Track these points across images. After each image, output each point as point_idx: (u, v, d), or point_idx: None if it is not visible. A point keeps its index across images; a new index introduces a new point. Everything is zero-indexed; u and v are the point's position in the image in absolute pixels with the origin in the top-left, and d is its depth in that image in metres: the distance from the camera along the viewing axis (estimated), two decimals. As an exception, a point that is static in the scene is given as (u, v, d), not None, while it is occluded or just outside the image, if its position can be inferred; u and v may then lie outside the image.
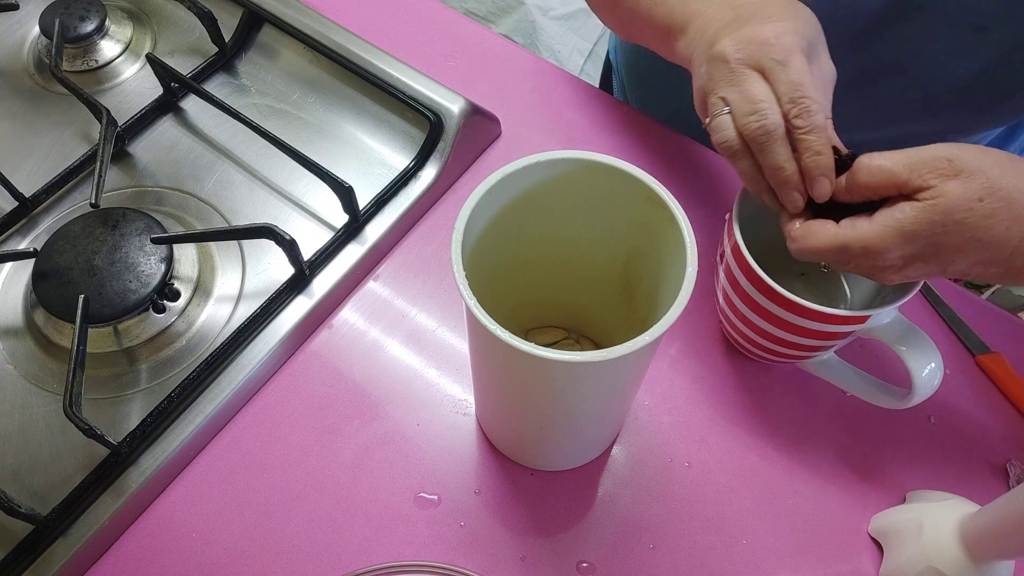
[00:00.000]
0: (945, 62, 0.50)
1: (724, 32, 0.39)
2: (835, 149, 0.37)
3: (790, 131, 0.37)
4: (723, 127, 0.38)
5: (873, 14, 0.49)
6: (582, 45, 1.62)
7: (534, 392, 0.36)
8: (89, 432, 0.41)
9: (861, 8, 0.49)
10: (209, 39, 0.59)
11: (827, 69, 0.39)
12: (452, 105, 0.54)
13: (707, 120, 0.39)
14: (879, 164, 0.35)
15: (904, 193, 0.35)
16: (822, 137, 0.36)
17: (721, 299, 0.45)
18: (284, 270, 0.49)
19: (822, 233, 0.37)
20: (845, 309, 0.41)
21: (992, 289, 1.09)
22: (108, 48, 0.60)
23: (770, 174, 0.38)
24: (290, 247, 0.47)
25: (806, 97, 0.36)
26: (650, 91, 0.71)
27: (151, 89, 0.58)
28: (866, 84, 0.53)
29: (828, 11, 0.49)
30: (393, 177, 0.53)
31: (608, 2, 0.51)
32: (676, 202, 0.34)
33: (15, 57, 0.61)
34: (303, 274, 0.49)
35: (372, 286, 0.52)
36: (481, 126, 0.56)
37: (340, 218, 0.52)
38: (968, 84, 0.50)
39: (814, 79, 0.37)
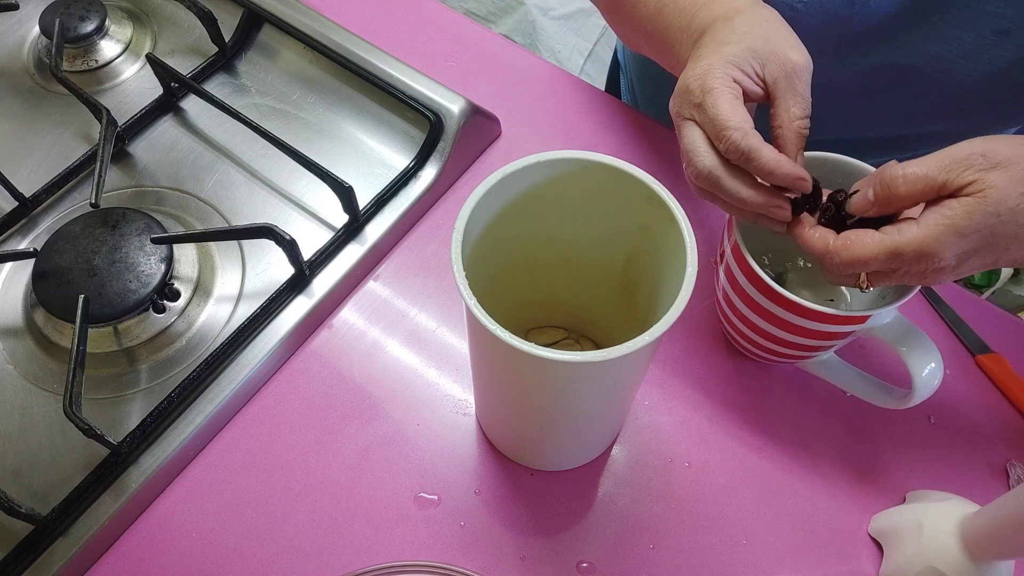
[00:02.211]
0: (963, 65, 0.49)
1: (678, 83, 0.40)
2: (831, 196, 0.37)
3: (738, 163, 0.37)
4: (692, 185, 0.40)
5: (888, 16, 0.49)
6: (582, 45, 1.62)
7: (534, 392, 0.36)
8: (89, 432, 0.41)
9: (875, 10, 0.49)
10: (209, 39, 0.59)
11: (791, 63, 0.38)
12: (452, 105, 0.54)
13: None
14: (914, 172, 0.34)
15: (943, 195, 0.34)
16: (761, 158, 0.36)
17: (721, 299, 0.45)
18: (284, 270, 0.49)
19: (868, 240, 0.35)
20: (845, 309, 0.41)
21: (992, 289, 1.09)
22: (108, 48, 0.60)
23: (736, 206, 0.38)
24: (290, 247, 0.47)
25: (725, 129, 0.36)
26: (659, 89, 0.71)
27: (151, 89, 0.58)
28: (880, 85, 0.53)
29: (841, 12, 0.49)
30: (393, 177, 0.53)
31: (615, 19, 0.52)
32: (676, 202, 0.34)
33: (15, 57, 0.61)
34: (303, 274, 0.49)
35: (372, 286, 0.52)
36: (481, 126, 0.56)
37: (340, 218, 0.52)
38: (986, 86, 0.50)
39: (778, 86, 0.37)
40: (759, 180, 0.37)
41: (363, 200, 0.52)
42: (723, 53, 0.38)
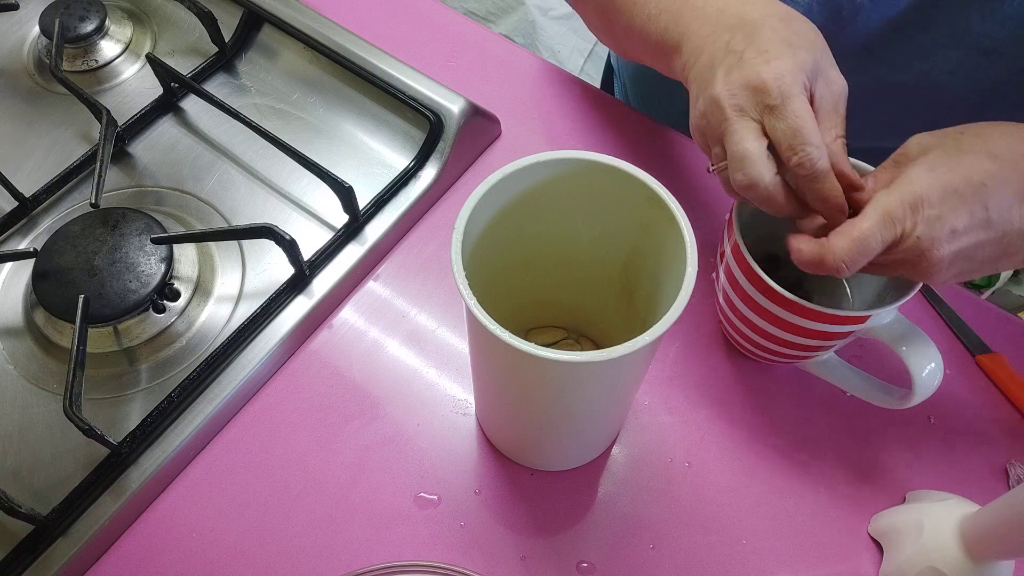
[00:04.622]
0: (949, 81, 0.49)
1: (719, 65, 0.37)
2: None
3: (795, 176, 0.36)
4: (725, 180, 0.38)
5: (874, 33, 0.49)
6: (582, 45, 1.62)
7: (534, 392, 0.36)
8: (89, 432, 0.41)
9: (862, 27, 0.49)
10: (209, 39, 0.59)
11: (837, 85, 0.38)
12: (452, 105, 0.54)
13: (711, 167, 0.39)
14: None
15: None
16: (826, 183, 0.36)
17: (721, 299, 0.45)
18: (284, 270, 0.49)
19: (858, 220, 0.35)
20: (845, 309, 0.41)
21: (992, 289, 1.09)
22: (108, 48, 0.60)
23: (775, 214, 0.38)
24: (290, 247, 0.47)
25: (806, 144, 0.35)
26: (652, 94, 0.71)
27: (151, 89, 0.58)
28: (869, 100, 0.53)
29: (828, 28, 0.49)
30: (393, 177, 0.53)
31: (604, 22, 0.50)
32: (676, 202, 0.34)
33: (15, 57, 0.61)
34: (303, 274, 0.49)
35: (372, 286, 0.52)
36: (481, 126, 0.56)
37: (340, 218, 0.52)
38: (974, 103, 0.49)
39: (823, 106, 0.36)
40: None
41: (363, 200, 0.52)
42: (798, 58, 0.36)
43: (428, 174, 0.54)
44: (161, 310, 0.48)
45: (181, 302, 0.49)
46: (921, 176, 0.34)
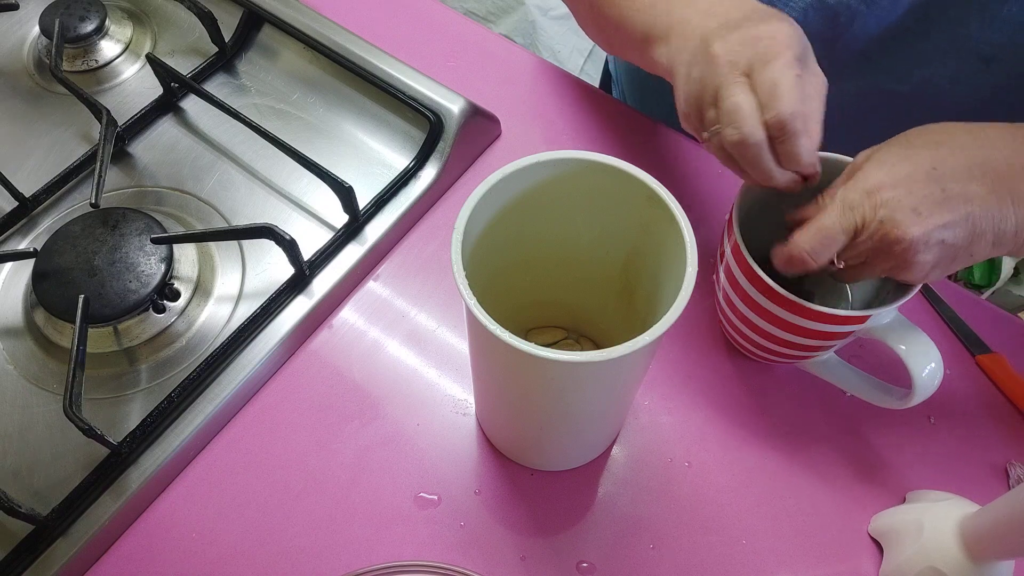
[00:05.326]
0: (950, 89, 0.49)
1: (713, 36, 0.38)
2: None
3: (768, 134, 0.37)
4: (718, 147, 0.39)
5: (872, 39, 0.49)
6: (582, 45, 1.62)
7: (534, 392, 0.36)
8: (89, 432, 0.41)
9: (859, 33, 0.48)
10: (209, 39, 0.59)
11: (819, 78, 0.38)
12: (452, 105, 0.54)
13: (704, 134, 0.39)
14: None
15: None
16: (800, 141, 0.36)
17: (721, 299, 0.45)
18: (284, 270, 0.49)
19: (821, 213, 0.37)
20: (845, 309, 0.41)
21: (992, 289, 1.09)
22: (108, 48, 0.60)
23: (761, 181, 0.38)
24: (290, 247, 0.47)
25: (780, 99, 0.35)
26: (650, 96, 0.71)
27: (151, 89, 0.58)
28: (869, 108, 0.53)
29: (825, 34, 0.49)
30: (393, 177, 0.53)
31: (592, 15, 0.50)
32: (676, 202, 0.34)
33: (15, 57, 0.61)
34: (303, 274, 0.49)
35: (372, 286, 0.52)
36: (481, 126, 0.56)
37: (340, 218, 0.52)
38: (974, 111, 0.49)
39: (805, 84, 0.37)
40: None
41: (363, 200, 0.52)
42: (795, 26, 0.37)
43: (428, 174, 0.54)
44: (161, 310, 0.48)
45: (181, 302, 0.49)
46: (873, 170, 0.36)
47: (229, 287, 0.50)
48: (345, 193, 0.49)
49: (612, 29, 0.48)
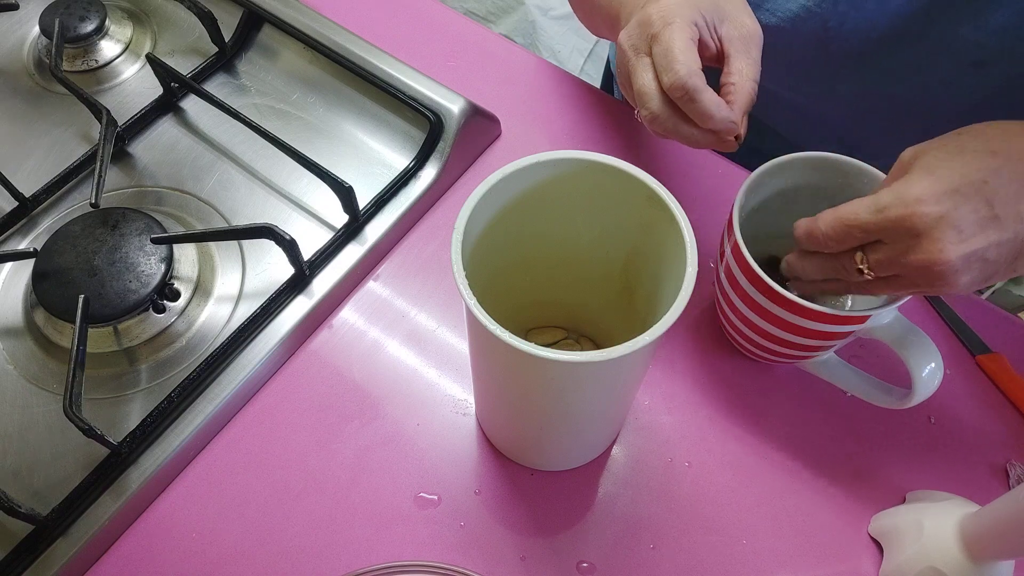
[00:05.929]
0: (942, 92, 0.49)
1: (625, 25, 0.40)
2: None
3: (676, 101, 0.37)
4: (648, 124, 0.39)
5: (866, 41, 0.49)
6: (582, 45, 1.62)
7: (534, 392, 0.36)
8: (89, 432, 0.41)
9: (851, 33, 0.48)
10: (209, 39, 0.59)
11: (747, 28, 0.38)
12: (452, 105, 0.54)
13: (636, 114, 0.40)
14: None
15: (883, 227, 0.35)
16: (702, 100, 0.36)
17: (721, 299, 0.45)
18: (284, 270, 0.49)
19: (853, 203, 0.35)
20: (845, 309, 0.41)
21: (992, 289, 1.09)
22: (108, 48, 0.60)
23: (691, 146, 0.39)
24: (290, 247, 0.47)
25: (674, 62, 0.36)
26: None
27: (151, 89, 0.58)
28: (865, 111, 0.53)
29: (818, 35, 0.49)
30: (393, 177, 0.53)
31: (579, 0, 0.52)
32: (676, 202, 0.34)
33: (15, 57, 0.61)
34: (303, 274, 0.49)
35: (372, 286, 0.52)
36: (481, 126, 0.56)
37: (340, 218, 0.52)
38: (969, 114, 0.49)
39: (732, 44, 0.37)
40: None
41: (363, 200, 0.52)
42: (691, 1, 0.38)
43: (428, 174, 0.54)
44: (161, 310, 0.48)
45: (181, 302, 0.49)
46: (918, 177, 0.34)
47: (229, 287, 0.50)
48: (345, 193, 0.49)
49: (592, 12, 0.51)
